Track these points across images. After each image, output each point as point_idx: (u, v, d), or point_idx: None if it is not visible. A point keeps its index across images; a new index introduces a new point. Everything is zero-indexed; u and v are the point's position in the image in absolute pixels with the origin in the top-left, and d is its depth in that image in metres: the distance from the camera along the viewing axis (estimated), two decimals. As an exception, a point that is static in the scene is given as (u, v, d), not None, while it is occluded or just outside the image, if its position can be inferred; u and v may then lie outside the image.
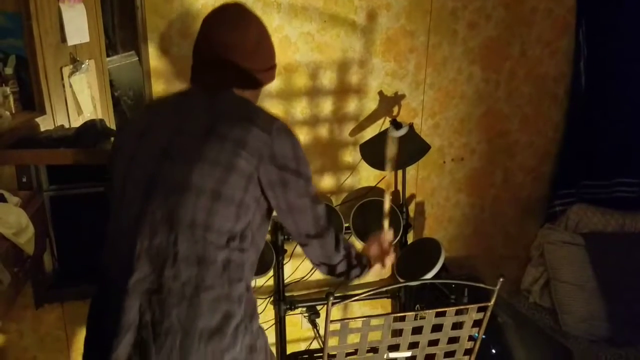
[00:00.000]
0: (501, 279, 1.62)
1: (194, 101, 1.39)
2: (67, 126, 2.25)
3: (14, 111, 1.97)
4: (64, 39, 2.05)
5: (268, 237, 2.47)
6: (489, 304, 1.64)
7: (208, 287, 1.22)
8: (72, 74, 2.12)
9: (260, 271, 2.29)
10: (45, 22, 2.01)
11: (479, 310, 1.65)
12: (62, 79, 2.09)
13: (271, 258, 2.33)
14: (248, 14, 1.43)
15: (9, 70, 2.00)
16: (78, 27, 2.14)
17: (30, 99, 2.05)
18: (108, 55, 2.38)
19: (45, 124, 2.03)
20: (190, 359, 1.19)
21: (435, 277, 2.20)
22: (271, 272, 2.39)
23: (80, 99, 2.20)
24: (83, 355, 1.35)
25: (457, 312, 1.63)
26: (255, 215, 1.33)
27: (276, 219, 1.57)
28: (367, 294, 1.62)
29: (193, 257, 1.22)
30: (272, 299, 2.56)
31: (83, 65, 2.17)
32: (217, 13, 1.41)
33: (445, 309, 1.62)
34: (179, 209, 1.22)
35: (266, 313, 2.56)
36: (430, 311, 1.60)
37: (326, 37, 2.29)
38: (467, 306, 1.64)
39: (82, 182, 2.14)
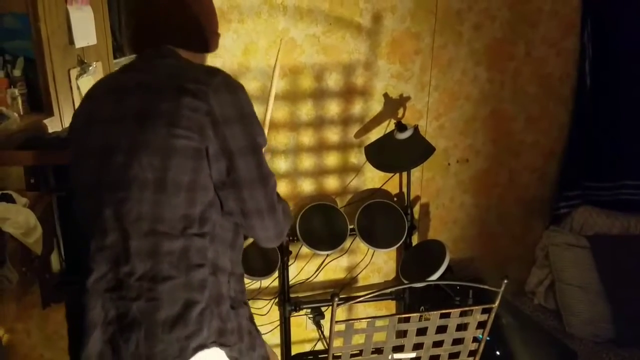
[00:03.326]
0: (505, 281, 1.62)
1: (130, 76, 1.28)
2: (74, 127, 2.26)
3: (22, 112, 1.98)
4: (71, 41, 2.06)
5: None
6: (494, 305, 1.64)
7: (165, 278, 1.18)
8: (79, 75, 2.13)
9: (266, 272, 2.30)
10: (53, 23, 2.02)
11: (484, 311, 1.65)
12: (70, 81, 2.10)
13: (276, 259, 2.34)
14: None
15: (17, 72, 2.01)
16: (85, 29, 2.15)
17: (38, 101, 2.05)
18: (115, 57, 2.39)
19: (52, 125, 2.04)
20: (157, 349, 1.17)
21: (440, 278, 2.21)
22: (276, 273, 2.40)
23: (88, 100, 2.22)
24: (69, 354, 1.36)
25: (462, 314, 1.63)
26: None
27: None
28: (371, 295, 1.62)
29: (145, 252, 1.18)
30: (277, 300, 2.57)
31: (90, 68, 2.17)
32: None
33: (450, 311, 1.62)
34: (124, 205, 1.17)
35: (271, 314, 2.57)
36: (435, 312, 1.61)
37: (332, 39, 2.30)
38: (472, 308, 1.65)
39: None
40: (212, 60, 2.09)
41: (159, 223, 1.18)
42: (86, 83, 2.17)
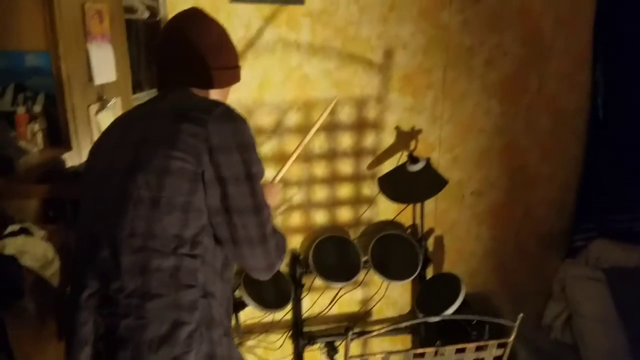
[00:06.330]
0: (521, 315, 1.61)
1: (144, 108, 1.36)
2: (92, 161, 2.30)
3: (41, 147, 2.02)
4: (91, 78, 2.12)
5: (286, 270, 2.47)
6: (509, 340, 1.62)
7: (154, 295, 1.18)
8: (99, 111, 2.18)
9: (278, 305, 2.29)
10: (74, 61, 2.07)
11: (499, 346, 1.63)
12: (89, 116, 2.15)
13: (289, 292, 2.33)
14: (207, 15, 1.43)
15: (37, 108, 2.06)
16: (105, 66, 2.21)
17: (58, 135, 2.10)
18: (134, 93, 2.44)
19: (71, 159, 2.08)
20: None
21: (456, 312, 2.19)
22: (289, 306, 2.39)
23: (106, 135, 2.27)
24: None
25: (477, 348, 1.62)
26: None
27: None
28: (386, 329, 1.61)
29: (136, 268, 1.19)
30: (290, 333, 2.55)
31: (110, 104, 2.23)
32: (177, 16, 1.42)
33: (465, 345, 1.61)
34: (118, 220, 1.20)
35: (284, 348, 2.55)
36: (450, 347, 1.59)
37: (344, 74, 2.34)
38: (487, 342, 1.63)
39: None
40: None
41: (150, 239, 1.19)
42: (105, 118, 2.22)
